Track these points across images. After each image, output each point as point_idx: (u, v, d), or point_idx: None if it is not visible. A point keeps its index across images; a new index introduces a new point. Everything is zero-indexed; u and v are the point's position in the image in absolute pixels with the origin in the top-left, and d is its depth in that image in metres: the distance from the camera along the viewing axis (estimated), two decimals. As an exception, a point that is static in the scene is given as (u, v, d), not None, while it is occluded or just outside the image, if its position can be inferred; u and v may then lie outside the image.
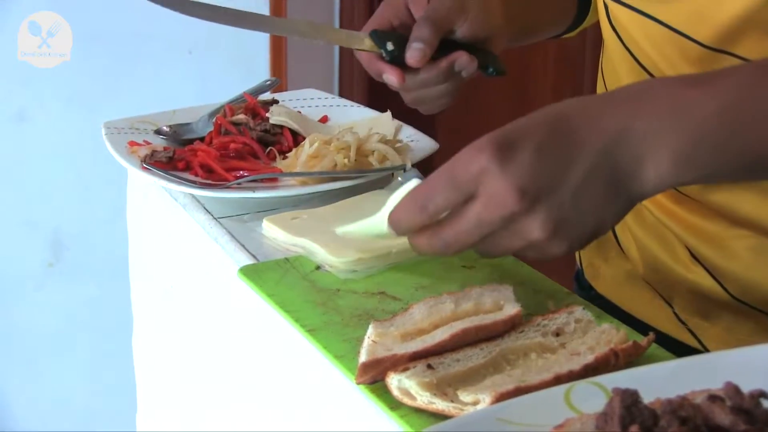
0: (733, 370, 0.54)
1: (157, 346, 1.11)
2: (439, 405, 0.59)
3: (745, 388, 0.50)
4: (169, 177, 0.97)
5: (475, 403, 0.58)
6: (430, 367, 0.61)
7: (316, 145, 0.98)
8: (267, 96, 1.19)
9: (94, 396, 2.11)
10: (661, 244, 0.90)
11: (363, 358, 0.63)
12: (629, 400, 0.49)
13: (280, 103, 1.15)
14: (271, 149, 1.04)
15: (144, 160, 1.00)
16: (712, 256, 0.85)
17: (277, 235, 0.87)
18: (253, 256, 0.84)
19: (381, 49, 0.90)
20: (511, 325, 0.66)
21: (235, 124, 1.07)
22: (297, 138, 1.06)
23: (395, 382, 0.61)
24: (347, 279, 0.77)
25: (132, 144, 1.05)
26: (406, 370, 0.61)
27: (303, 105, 1.19)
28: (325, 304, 0.74)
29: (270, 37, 2.03)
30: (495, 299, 0.69)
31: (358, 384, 0.62)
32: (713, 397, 0.50)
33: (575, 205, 0.63)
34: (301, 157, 0.99)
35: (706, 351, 0.87)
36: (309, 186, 0.95)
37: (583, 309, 0.69)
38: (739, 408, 0.49)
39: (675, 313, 0.90)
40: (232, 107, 1.11)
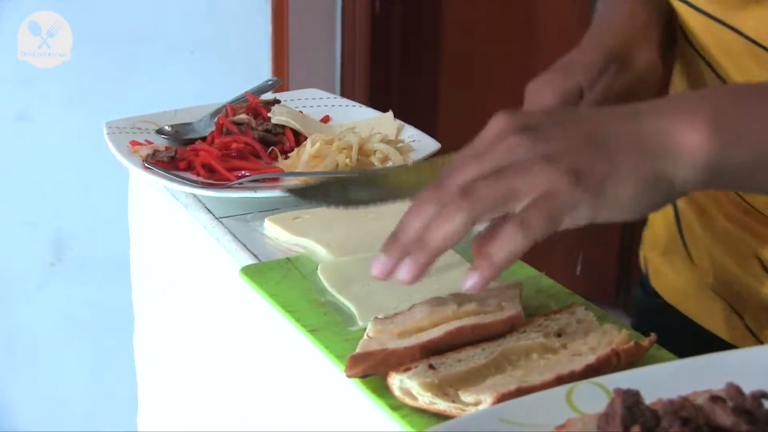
0: (735, 370, 0.54)
1: (159, 346, 1.11)
2: (441, 405, 0.59)
3: (746, 389, 0.50)
4: (170, 177, 0.97)
5: (476, 404, 0.58)
6: (431, 367, 0.61)
7: (317, 145, 0.98)
8: (269, 96, 1.19)
9: (95, 396, 2.11)
10: (732, 255, 0.85)
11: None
12: (631, 401, 0.49)
13: (282, 103, 1.15)
14: (272, 149, 1.04)
15: (146, 160, 1.00)
16: None
17: (278, 235, 0.87)
18: (255, 256, 0.84)
19: None
20: (510, 326, 0.66)
21: (237, 124, 1.07)
22: (299, 138, 1.06)
23: (397, 382, 0.61)
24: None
25: (134, 144, 1.05)
26: (408, 370, 0.61)
27: (305, 105, 1.19)
28: (327, 305, 0.74)
29: (272, 37, 2.03)
30: (498, 300, 0.68)
31: (349, 377, 0.62)
32: (715, 398, 0.50)
33: (581, 143, 0.59)
34: (303, 156, 0.99)
35: None
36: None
37: (585, 309, 0.69)
38: (740, 409, 0.49)
39: (745, 324, 0.87)
40: (234, 107, 1.11)
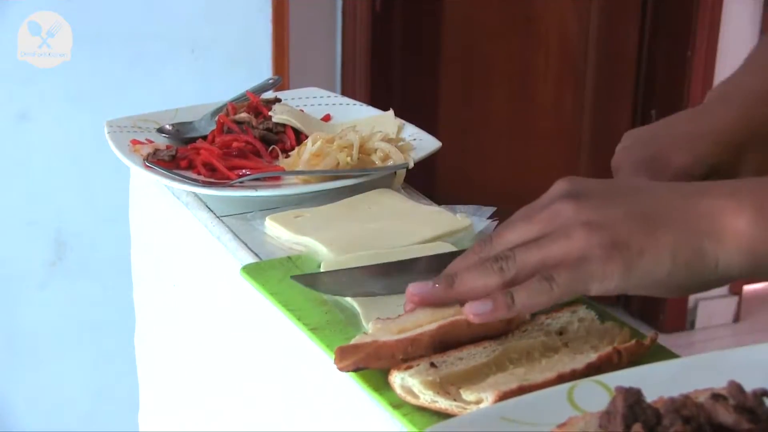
0: (737, 368, 0.54)
1: (160, 345, 1.11)
2: (442, 404, 0.59)
3: (748, 387, 0.50)
4: (171, 175, 0.97)
5: (477, 402, 0.58)
6: (433, 365, 0.61)
7: (318, 143, 0.98)
8: (269, 94, 1.19)
9: (97, 395, 2.11)
10: None
11: None
12: (632, 399, 0.49)
13: (283, 101, 1.15)
14: (273, 148, 1.04)
15: (146, 159, 1.00)
16: None
17: (279, 233, 0.87)
18: (256, 255, 0.84)
19: None
20: (507, 323, 0.65)
21: (238, 123, 1.07)
22: (300, 136, 1.06)
23: (398, 380, 0.61)
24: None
25: (134, 143, 1.05)
26: (410, 368, 0.61)
27: (305, 103, 1.19)
28: (328, 303, 0.73)
29: (272, 36, 2.02)
30: None
31: (341, 370, 0.62)
32: (716, 396, 0.50)
33: (627, 215, 0.60)
34: (304, 155, 0.99)
35: None
36: (312, 184, 0.95)
37: (587, 308, 0.69)
38: (742, 407, 0.49)
39: None
40: (235, 106, 1.11)
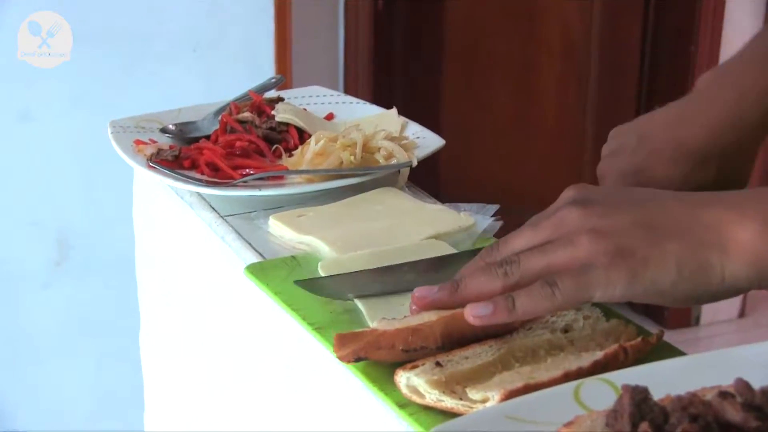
0: (744, 366, 0.54)
1: (165, 345, 1.11)
2: (448, 403, 0.59)
3: (755, 385, 0.50)
4: (175, 175, 0.96)
5: (483, 401, 0.58)
6: (438, 364, 0.61)
7: (321, 142, 0.98)
8: (272, 94, 1.19)
9: (102, 395, 2.11)
10: None
11: None
12: (639, 397, 0.49)
13: (286, 100, 1.15)
14: (276, 147, 1.04)
15: (150, 159, 1.00)
16: None
17: (283, 232, 0.87)
18: (260, 254, 0.84)
19: None
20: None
21: (241, 122, 1.07)
22: (303, 135, 1.06)
23: (403, 379, 0.60)
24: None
25: (138, 143, 1.05)
26: (415, 367, 0.61)
27: (308, 102, 1.19)
28: (332, 303, 0.73)
29: (275, 35, 2.02)
30: None
31: (340, 359, 0.62)
32: (724, 394, 0.49)
33: (634, 223, 0.60)
34: (307, 154, 0.98)
35: None
36: (315, 183, 0.95)
37: (592, 305, 0.69)
38: (750, 404, 0.49)
39: None
40: (238, 105, 1.11)
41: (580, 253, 0.60)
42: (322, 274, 0.77)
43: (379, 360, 0.63)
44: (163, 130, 1.10)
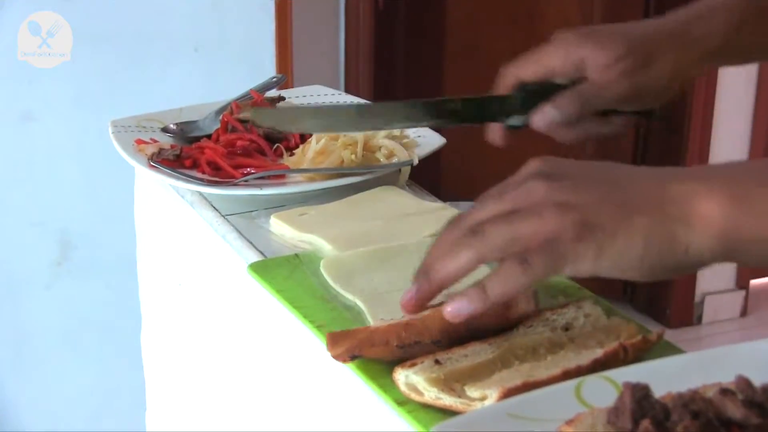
0: (745, 363, 0.54)
1: (166, 344, 1.11)
2: (447, 400, 0.59)
3: (756, 382, 0.50)
4: (176, 175, 0.97)
5: (482, 399, 0.58)
6: (437, 362, 0.61)
7: (322, 141, 0.98)
8: (273, 93, 1.19)
9: (103, 394, 2.11)
10: None
11: None
12: (640, 394, 0.49)
13: (287, 99, 1.15)
14: (278, 146, 1.04)
15: (151, 158, 1.00)
16: None
17: (284, 231, 0.87)
18: (261, 253, 0.84)
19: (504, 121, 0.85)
20: (505, 307, 0.65)
21: (242, 122, 1.07)
22: (304, 135, 1.06)
23: (402, 377, 0.60)
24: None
25: (139, 142, 1.05)
26: (414, 365, 0.61)
27: (309, 101, 1.19)
28: (334, 300, 0.73)
29: (276, 34, 2.02)
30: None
31: (335, 358, 0.62)
32: (725, 391, 0.49)
33: (600, 197, 0.60)
34: (308, 153, 0.99)
35: None
36: (316, 182, 0.95)
37: (593, 303, 0.69)
38: (751, 401, 0.49)
39: None
40: (239, 104, 1.11)
41: (546, 225, 0.59)
42: (324, 272, 0.77)
43: (375, 357, 0.63)
44: (165, 130, 1.10)
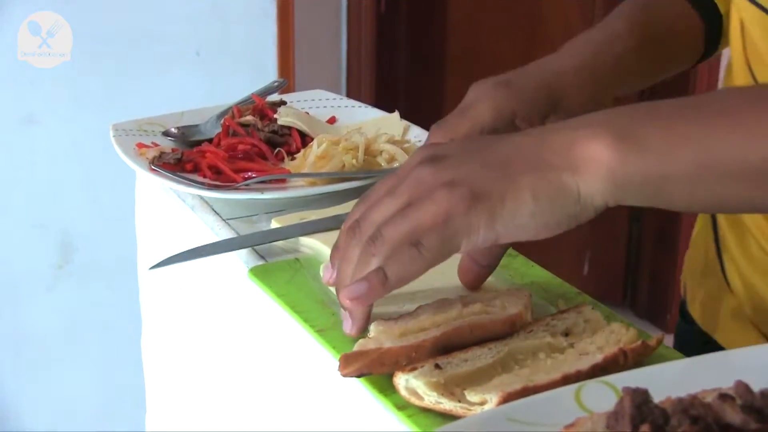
0: (744, 368, 0.54)
1: (167, 347, 1.11)
2: (447, 405, 0.59)
3: (755, 387, 0.50)
4: (177, 179, 0.97)
5: (482, 403, 0.58)
6: (437, 366, 0.61)
7: (324, 145, 0.98)
8: (275, 97, 1.19)
9: (104, 397, 2.12)
10: None
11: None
12: (640, 399, 0.49)
13: (288, 104, 1.16)
14: (279, 150, 1.04)
15: (152, 162, 1.00)
16: None
17: (285, 235, 0.87)
18: (262, 257, 0.84)
19: None
20: (510, 325, 0.65)
21: (243, 126, 1.07)
22: (305, 139, 1.06)
23: (402, 381, 0.61)
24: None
25: (140, 146, 1.05)
26: (414, 369, 0.61)
27: (311, 106, 1.19)
28: (335, 305, 0.73)
29: (277, 38, 2.03)
30: (504, 301, 0.68)
31: (344, 376, 0.62)
32: (724, 396, 0.49)
33: (485, 167, 0.60)
34: (310, 157, 0.99)
35: None
36: (317, 187, 0.95)
37: (593, 308, 0.69)
38: (750, 406, 0.49)
39: None
40: (240, 108, 1.11)
41: (440, 208, 0.60)
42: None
43: (382, 374, 0.63)
44: (166, 134, 1.10)
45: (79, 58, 1.83)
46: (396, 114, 1.13)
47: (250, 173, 0.99)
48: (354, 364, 0.62)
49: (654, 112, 0.61)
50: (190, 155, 1.02)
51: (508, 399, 0.56)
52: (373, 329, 0.65)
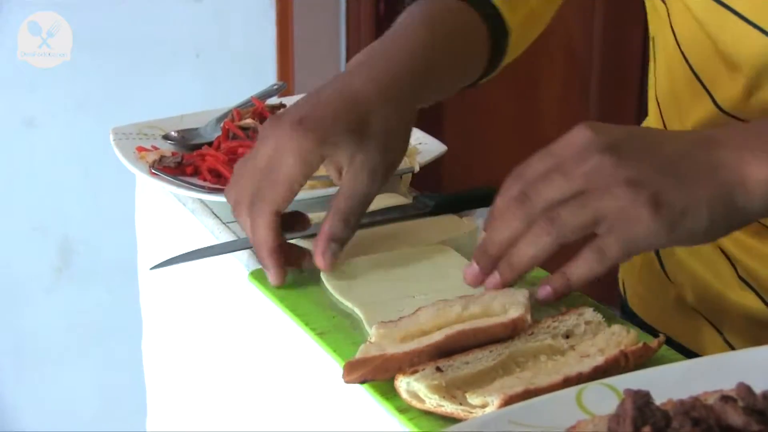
0: (746, 370, 0.54)
1: (167, 350, 1.11)
2: (448, 408, 0.59)
3: (757, 389, 0.50)
4: (177, 182, 0.97)
5: (483, 406, 0.58)
6: (438, 369, 0.61)
7: (324, 148, 0.98)
8: (274, 100, 1.19)
9: (104, 400, 2.11)
10: (710, 268, 0.86)
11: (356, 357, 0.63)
12: (641, 402, 0.49)
13: (288, 107, 1.15)
14: (279, 153, 1.04)
15: (152, 166, 1.00)
16: (763, 277, 0.82)
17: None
18: (262, 260, 0.84)
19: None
20: (513, 329, 0.65)
21: (243, 129, 1.07)
22: (305, 141, 1.06)
23: (404, 384, 0.60)
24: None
25: (140, 149, 1.05)
26: (415, 372, 0.61)
27: (310, 108, 1.19)
28: (335, 308, 0.73)
29: (277, 41, 2.03)
30: (503, 303, 0.68)
31: (347, 383, 0.62)
32: (726, 398, 0.49)
33: (661, 170, 0.61)
34: (309, 160, 0.98)
35: None
36: (317, 190, 0.95)
37: (594, 311, 0.69)
38: (752, 408, 0.49)
39: (726, 340, 0.86)
40: (240, 112, 1.11)
41: (621, 206, 0.61)
42: (325, 280, 0.77)
43: (385, 380, 0.63)
44: (166, 137, 1.10)
45: (79, 59, 1.83)
46: (396, 116, 1.12)
47: (250, 176, 0.99)
48: (357, 371, 0.62)
49: None
50: (190, 158, 1.02)
51: (509, 401, 0.56)
52: (374, 332, 0.65)
